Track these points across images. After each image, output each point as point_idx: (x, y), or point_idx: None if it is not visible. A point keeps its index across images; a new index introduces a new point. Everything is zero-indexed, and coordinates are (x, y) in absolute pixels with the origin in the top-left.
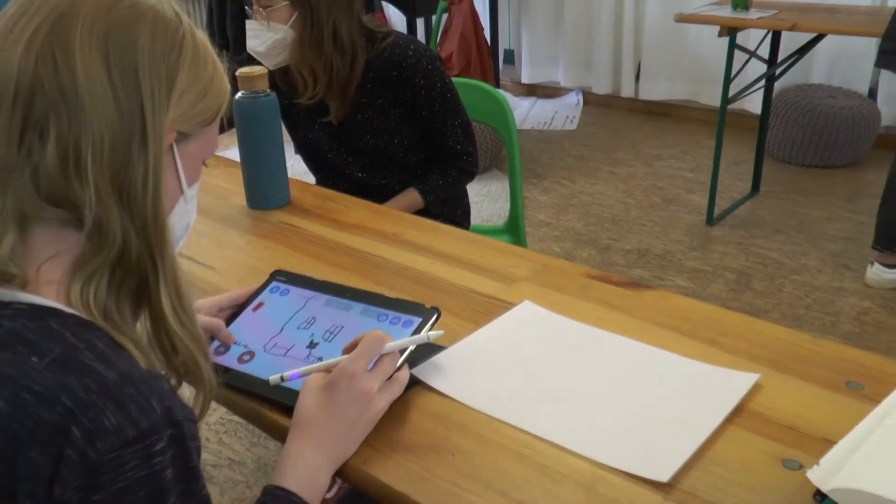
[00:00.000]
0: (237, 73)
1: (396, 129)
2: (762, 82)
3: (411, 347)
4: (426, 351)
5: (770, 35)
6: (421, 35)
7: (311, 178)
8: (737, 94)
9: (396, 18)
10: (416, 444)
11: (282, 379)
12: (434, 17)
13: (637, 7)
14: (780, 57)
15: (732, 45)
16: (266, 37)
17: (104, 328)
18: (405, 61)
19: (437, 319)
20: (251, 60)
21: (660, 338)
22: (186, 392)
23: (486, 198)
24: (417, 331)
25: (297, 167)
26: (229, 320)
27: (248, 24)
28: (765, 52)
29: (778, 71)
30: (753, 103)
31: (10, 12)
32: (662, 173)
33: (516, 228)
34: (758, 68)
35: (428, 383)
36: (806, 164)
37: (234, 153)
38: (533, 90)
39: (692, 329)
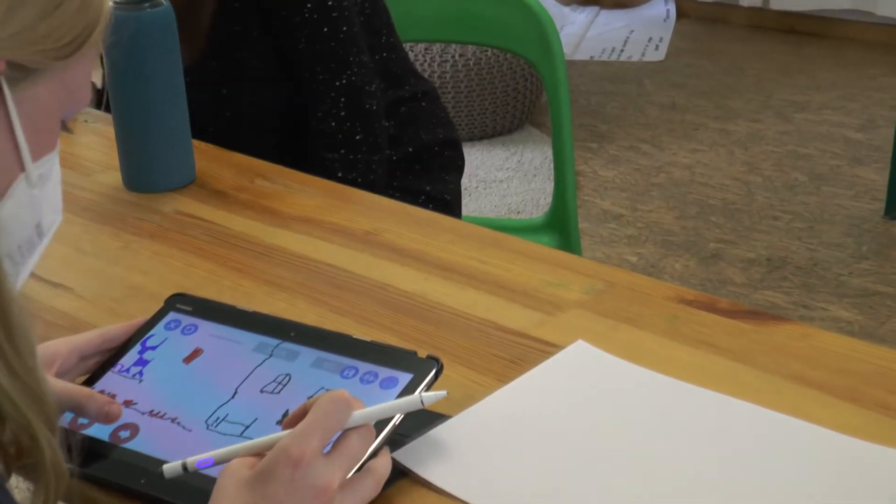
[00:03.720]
0: None
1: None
2: None
3: (396, 418)
4: (419, 423)
5: None
6: None
7: None
8: None
9: None
10: None
11: (184, 468)
12: None
13: None
14: None
15: None
16: None
17: None
18: None
19: (437, 375)
20: None
21: (799, 400)
22: (22, 491)
23: (516, 173)
24: (406, 393)
25: None
26: (96, 375)
27: None
28: None
29: None
30: None
31: None
32: (810, 133)
33: (564, 224)
34: None
35: (421, 475)
36: None
37: None
38: None
39: (854, 387)
